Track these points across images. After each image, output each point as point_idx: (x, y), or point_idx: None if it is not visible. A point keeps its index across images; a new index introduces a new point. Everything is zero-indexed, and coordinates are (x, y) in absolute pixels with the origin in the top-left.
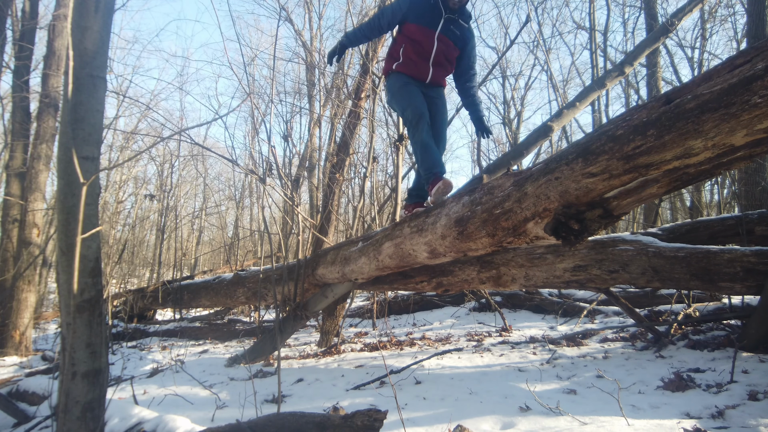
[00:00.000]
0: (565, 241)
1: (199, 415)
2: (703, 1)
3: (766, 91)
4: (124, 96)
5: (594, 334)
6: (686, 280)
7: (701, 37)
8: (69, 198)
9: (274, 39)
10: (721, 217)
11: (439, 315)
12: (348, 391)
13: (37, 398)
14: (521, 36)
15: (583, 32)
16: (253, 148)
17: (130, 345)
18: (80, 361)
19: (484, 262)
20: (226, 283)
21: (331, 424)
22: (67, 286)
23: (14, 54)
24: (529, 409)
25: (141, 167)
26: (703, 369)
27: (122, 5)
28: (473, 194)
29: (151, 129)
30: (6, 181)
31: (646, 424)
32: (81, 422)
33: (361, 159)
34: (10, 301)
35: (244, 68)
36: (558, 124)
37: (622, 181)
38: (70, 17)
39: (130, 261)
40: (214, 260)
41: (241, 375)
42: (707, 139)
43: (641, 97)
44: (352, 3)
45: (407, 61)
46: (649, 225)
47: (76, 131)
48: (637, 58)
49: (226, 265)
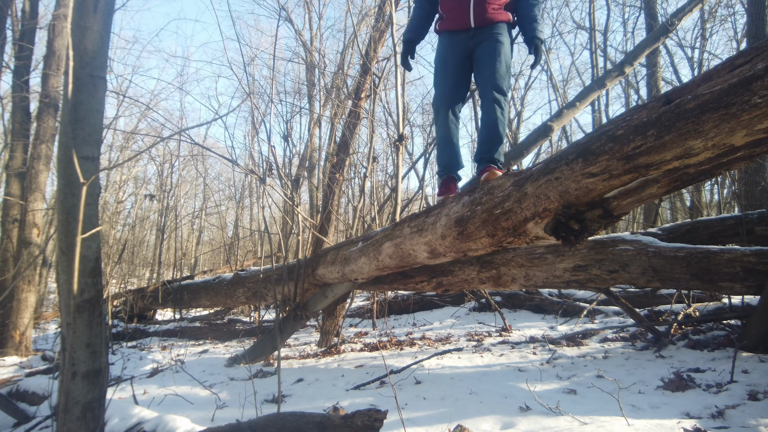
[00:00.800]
0: (565, 242)
1: (199, 415)
2: (703, 1)
3: (766, 91)
4: (124, 96)
5: (594, 334)
6: (686, 280)
7: (701, 37)
8: (69, 198)
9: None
10: (721, 217)
11: (439, 315)
12: (348, 391)
13: (37, 398)
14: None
15: (583, 32)
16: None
17: (130, 345)
18: (80, 361)
19: (484, 262)
20: (226, 283)
21: (331, 424)
22: (67, 286)
23: (14, 54)
24: (529, 409)
25: (141, 167)
26: (703, 369)
27: (122, 5)
28: (473, 194)
29: (151, 129)
30: (6, 181)
31: (646, 424)
32: (81, 422)
33: (361, 159)
34: (10, 301)
35: (244, 68)
36: (558, 124)
37: (622, 182)
38: (70, 17)
39: (130, 261)
40: (214, 260)
41: (241, 375)
42: (707, 140)
43: (641, 97)
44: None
45: (447, 12)
46: (649, 225)
47: (76, 131)
48: (637, 58)
49: (226, 265)
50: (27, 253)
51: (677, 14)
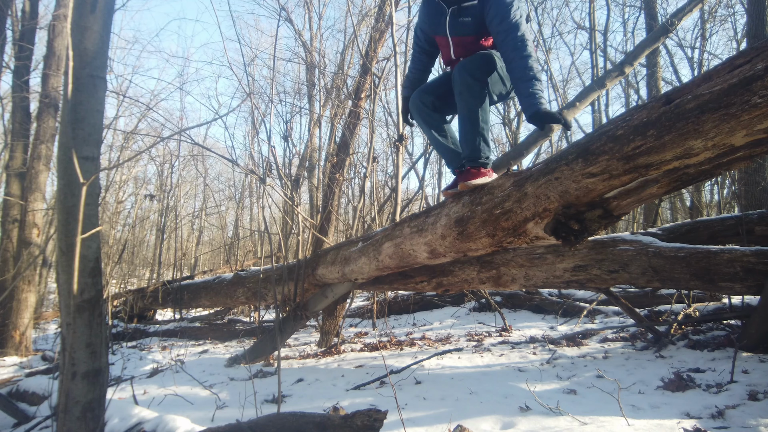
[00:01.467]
0: (565, 242)
1: (199, 415)
2: (703, 1)
3: (765, 91)
4: (124, 96)
5: (594, 334)
6: (686, 280)
7: (701, 37)
8: (69, 198)
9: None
10: (721, 217)
11: (439, 315)
12: (348, 391)
13: (37, 398)
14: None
15: (583, 32)
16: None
17: (130, 345)
18: (80, 361)
19: (484, 262)
20: (226, 283)
21: (331, 424)
22: (67, 286)
23: (14, 54)
24: (529, 409)
25: (141, 167)
26: (703, 369)
27: (122, 5)
28: (473, 194)
29: (151, 129)
30: (6, 181)
31: (646, 424)
32: (81, 422)
33: (361, 159)
34: (10, 301)
35: (244, 68)
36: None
37: (622, 182)
38: (70, 17)
39: (130, 261)
40: (214, 260)
41: (241, 375)
42: (707, 140)
43: (641, 97)
44: (352, 3)
45: None
46: (649, 225)
47: (76, 131)
48: (637, 58)
49: (226, 265)
50: (27, 253)
51: (677, 14)
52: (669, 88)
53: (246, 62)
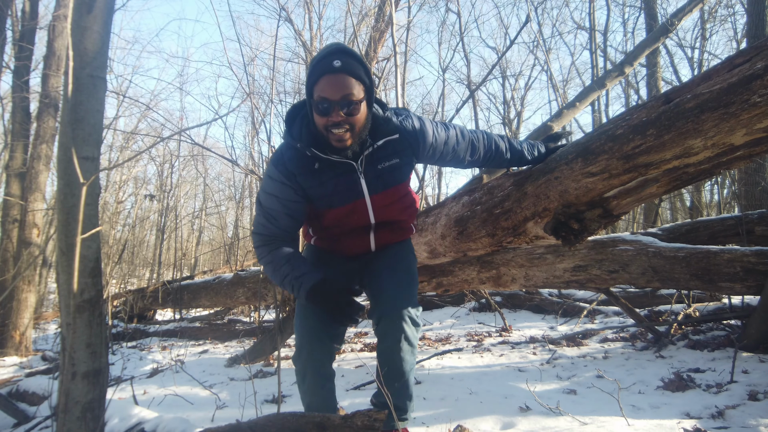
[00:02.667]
0: (564, 241)
1: (199, 415)
2: (703, 1)
3: (765, 90)
4: (124, 96)
5: (594, 334)
6: (686, 280)
7: (701, 37)
8: (69, 198)
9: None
10: (721, 217)
11: (439, 315)
12: (348, 391)
13: (37, 398)
14: (521, 36)
15: (583, 32)
16: (253, 148)
17: (130, 345)
18: (80, 361)
19: (484, 262)
20: (226, 283)
21: (331, 424)
22: (67, 286)
23: (14, 54)
24: (529, 409)
25: (141, 167)
26: (703, 369)
27: (122, 5)
28: (473, 194)
29: (151, 129)
30: (6, 181)
31: (646, 424)
32: (81, 422)
33: None
34: (10, 301)
35: (244, 68)
36: (558, 124)
37: (622, 181)
38: (70, 17)
39: (130, 261)
40: (214, 260)
41: (241, 375)
42: (707, 139)
43: (641, 97)
44: (352, 3)
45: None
46: (649, 225)
47: (76, 131)
48: (637, 58)
49: (226, 265)
50: (27, 254)
51: (677, 14)
52: (669, 88)
53: (246, 62)
